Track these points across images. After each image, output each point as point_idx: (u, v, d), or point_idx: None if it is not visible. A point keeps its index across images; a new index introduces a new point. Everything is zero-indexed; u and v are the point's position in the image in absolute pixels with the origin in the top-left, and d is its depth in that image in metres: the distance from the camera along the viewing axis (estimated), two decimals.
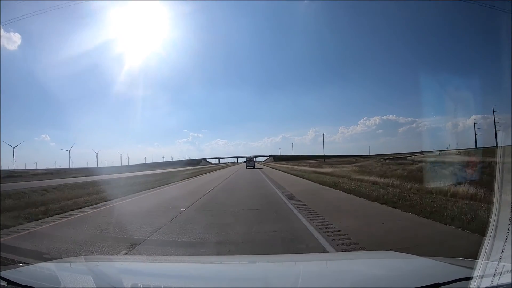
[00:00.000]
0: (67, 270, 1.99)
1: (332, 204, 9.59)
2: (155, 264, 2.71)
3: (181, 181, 23.57)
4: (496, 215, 1.72)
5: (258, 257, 3.52)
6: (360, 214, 7.80)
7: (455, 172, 15.45)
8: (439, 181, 12.34)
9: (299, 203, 9.53)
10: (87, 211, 9.17)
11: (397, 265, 2.18)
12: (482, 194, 8.36)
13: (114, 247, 5.06)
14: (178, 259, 3.36)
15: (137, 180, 22.55)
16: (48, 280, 1.63)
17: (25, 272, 1.90)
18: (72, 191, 14.88)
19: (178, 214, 8.06)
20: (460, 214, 6.44)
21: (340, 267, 2.25)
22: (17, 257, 3.65)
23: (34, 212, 8.62)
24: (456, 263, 1.86)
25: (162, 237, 5.76)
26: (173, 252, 4.93)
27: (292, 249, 4.79)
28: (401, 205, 8.24)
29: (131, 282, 1.71)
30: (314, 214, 7.59)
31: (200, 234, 5.84)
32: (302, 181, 19.26)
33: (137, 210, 9.49)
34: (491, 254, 1.52)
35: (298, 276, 1.98)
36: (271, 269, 2.38)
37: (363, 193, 11.17)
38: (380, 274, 1.99)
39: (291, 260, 2.75)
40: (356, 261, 2.53)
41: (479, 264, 1.50)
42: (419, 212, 7.24)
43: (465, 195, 8.96)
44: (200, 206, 9.75)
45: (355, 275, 2.01)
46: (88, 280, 1.71)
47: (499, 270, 1.37)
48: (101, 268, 2.16)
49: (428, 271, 1.93)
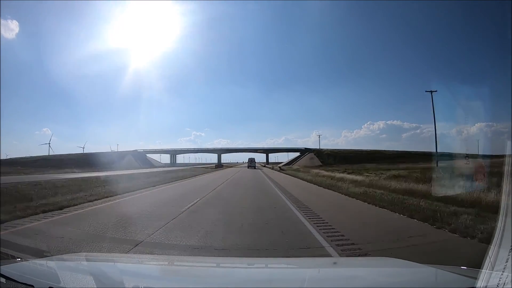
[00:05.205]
0: (68, 269, 1.99)
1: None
2: (157, 264, 2.71)
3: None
4: (502, 224, 1.68)
5: (262, 260, 3.53)
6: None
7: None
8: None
9: None
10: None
11: (400, 273, 2.16)
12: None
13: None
14: (181, 260, 3.35)
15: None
16: (48, 278, 1.63)
17: (25, 269, 1.92)
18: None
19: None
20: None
21: (345, 273, 2.24)
22: (16, 254, 3.64)
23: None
24: (460, 272, 1.82)
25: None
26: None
27: None
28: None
29: (132, 283, 1.71)
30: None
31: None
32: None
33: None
34: (496, 263, 1.48)
35: (304, 280, 1.99)
36: (276, 272, 2.41)
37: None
38: (385, 282, 1.97)
39: (296, 264, 2.76)
40: (361, 268, 2.51)
41: (483, 274, 1.47)
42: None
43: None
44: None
45: (360, 282, 2.00)
46: (88, 280, 1.71)
47: (503, 280, 1.33)
48: (102, 268, 2.16)
49: (431, 280, 1.90)
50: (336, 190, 13.92)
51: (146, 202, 10.81)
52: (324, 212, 8.26)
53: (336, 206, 9.88)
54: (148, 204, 10.01)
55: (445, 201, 8.66)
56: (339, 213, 8.48)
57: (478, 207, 7.60)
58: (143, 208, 9.06)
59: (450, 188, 10.36)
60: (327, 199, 11.61)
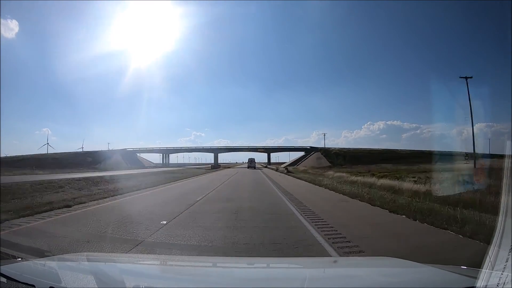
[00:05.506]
0: (69, 268, 1.99)
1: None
2: (158, 264, 2.71)
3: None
4: (501, 224, 1.69)
5: (262, 260, 3.54)
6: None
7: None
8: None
9: None
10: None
11: (400, 273, 2.16)
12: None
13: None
14: (182, 260, 3.35)
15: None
16: (49, 278, 1.63)
17: (25, 268, 1.92)
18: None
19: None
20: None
21: (345, 273, 2.25)
22: (17, 252, 3.62)
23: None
24: (459, 271, 1.82)
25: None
26: None
27: None
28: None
29: (133, 282, 1.71)
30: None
31: None
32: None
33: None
34: (496, 263, 1.48)
35: (304, 280, 2.00)
36: (276, 271, 2.42)
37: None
38: (385, 281, 1.98)
39: (296, 264, 2.77)
40: (361, 267, 2.51)
41: (483, 274, 1.47)
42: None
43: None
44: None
45: (360, 282, 2.01)
46: (89, 279, 1.71)
47: (502, 279, 1.33)
48: (103, 267, 2.16)
49: (431, 280, 1.90)
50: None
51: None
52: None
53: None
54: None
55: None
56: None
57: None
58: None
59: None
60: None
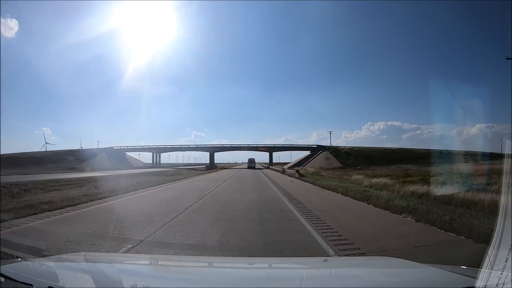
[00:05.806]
0: (67, 268, 1.99)
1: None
2: (155, 264, 2.71)
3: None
4: (501, 224, 1.69)
5: (262, 260, 3.54)
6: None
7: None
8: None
9: None
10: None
11: (400, 273, 2.16)
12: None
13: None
14: (179, 259, 3.35)
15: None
16: (47, 277, 1.63)
17: (24, 268, 1.92)
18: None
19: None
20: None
21: (344, 272, 2.25)
22: (16, 252, 3.62)
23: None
24: (459, 271, 1.82)
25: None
26: None
27: None
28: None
29: (130, 282, 1.71)
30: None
31: None
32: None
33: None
34: (495, 263, 1.48)
35: (302, 279, 2.00)
36: (273, 271, 2.42)
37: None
38: (385, 281, 1.98)
39: (295, 263, 2.77)
40: (360, 267, 2.51)
41: (482, 273, 1.47)
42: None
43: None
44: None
45: (359, 281, 2.01)
46: (87, 279, 1.71)
47: (502, 279, 1.33)
48: (101, 267, 2.16)
49: (431, 279, 1.90)
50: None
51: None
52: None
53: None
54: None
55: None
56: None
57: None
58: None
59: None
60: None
